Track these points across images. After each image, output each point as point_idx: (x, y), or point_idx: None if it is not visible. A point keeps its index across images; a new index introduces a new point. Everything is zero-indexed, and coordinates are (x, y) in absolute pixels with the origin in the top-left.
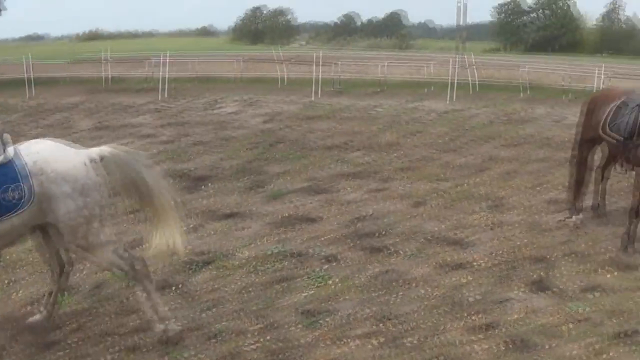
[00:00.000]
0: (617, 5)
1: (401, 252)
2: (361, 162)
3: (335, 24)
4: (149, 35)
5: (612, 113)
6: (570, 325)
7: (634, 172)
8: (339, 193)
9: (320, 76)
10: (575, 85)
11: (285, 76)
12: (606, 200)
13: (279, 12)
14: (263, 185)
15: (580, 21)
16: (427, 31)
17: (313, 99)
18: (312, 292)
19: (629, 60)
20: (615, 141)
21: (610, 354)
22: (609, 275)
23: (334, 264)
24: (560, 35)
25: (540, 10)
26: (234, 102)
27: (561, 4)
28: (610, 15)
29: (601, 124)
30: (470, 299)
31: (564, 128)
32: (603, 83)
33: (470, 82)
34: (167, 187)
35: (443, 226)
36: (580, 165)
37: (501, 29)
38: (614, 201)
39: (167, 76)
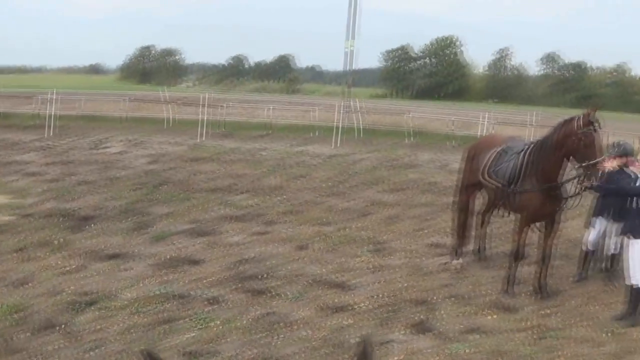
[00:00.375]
0: (504, 54)
1: (284, 295)
2: (245, 205)
3: (225, 65)
4: (39, 70)
5: (493, 159)
6: None
7: (514, 217)
8: (222, 235)
9: (206, 118)
10: (461, 132)
11: (172, 117)
12: (487, 244)
13: (168, 52)
14: (147, 226)
15: (468, 68)
16: (315, 75)
17: (199, 140)
18: (195, 333)
19: (515, 107)
20: (496, 187)
21: None
22: (490, 317)
23: (217, 305)
24: (448, 82)
25: (429, 58)
26: (120, 142)
27: (449, 52)
28: (498, 63)
29: (482, 169)
30: (352, 341)
31: (448, 173)
32: (493, 129)
33: (356, 127)
34: None
35: (326, 269)
36: (463, 210)
37: (389, 75)
38: (495, 245)
39: (54, 114)
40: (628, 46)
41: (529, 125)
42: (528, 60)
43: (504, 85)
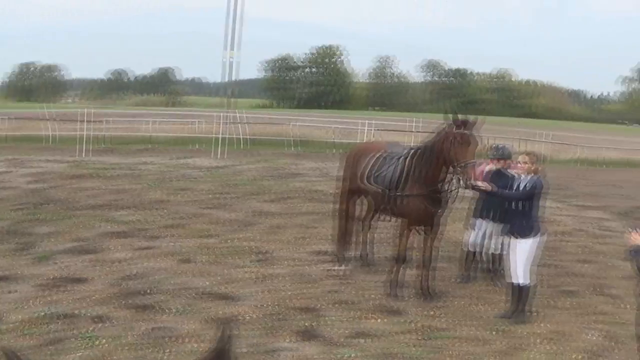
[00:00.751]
0: (386, 62)
1: (170, 309)
2: (128, 221)
3: (107, 80)
4: None
5: (374, 165)
6: None
7: (396, 221)
8: (106, 252)
9: (88, 134)
10: (343, 140)
11: (54, 134)
12: (373, 250)
13: (49, 69)
14: (31, 247)
15: (351, 77)
16: (198, 87)
17: (81, 157)
18: (83, 353)
19: (398, 114)
20: (377, 192)
21: None
22: (376, 321)
23: (104, 323)
24: (331, 91)
25: (311, 67)
26: (1, 162)
27: (332, 60)
28: (380, 71)
29: (363, 175)
30: (240, 351)
31: (330, 181)
32: (381, 136)
33: (239, 138)
34: None
35: (211, 281)
36: (344, 217)
37: (271, 85)
38: (380, 250)
39: None
40: (509, 53)
41: (413, 131)
42: (410, 68)
43: (386, 93)
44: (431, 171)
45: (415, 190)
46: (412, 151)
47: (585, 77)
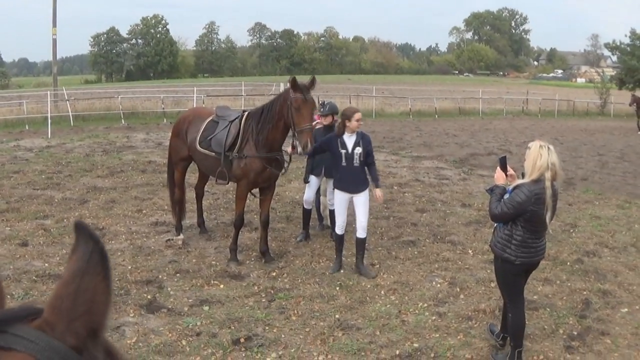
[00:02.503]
0: (211, 28)
1: (12, 295)
2: None
3: None
4: None
5: (205, 130)
6: (187, 340)
7: (232, 186)
8: None
9: None
10: (173, 109)
11: None
12: (211, 216)
13: None
14: None
15: (177, 46)
16: (25, 68)
17: None
18: None
19: (228, 79)
20: (212, 156)
21: None
22: (219, 287)
23: None
24: (158, 61)
25: (137, 38)
26: None
27: (157, 31)
28: (206, 37)
29: (195, 141)
30: None
31: (162, 151)
32: (203, 103)
33: (68, 115)
34: None
35: (50, 263)
36: (176, 185)
37: (98, 60)
38: (220, 215)
39: None
40: (336, 12)
41: (242, 95)
42: (238, 32)
43: (214, 59)
44: (272, 134)
45: (254, 151)
46: (247, 113)
47: (413, 31)
